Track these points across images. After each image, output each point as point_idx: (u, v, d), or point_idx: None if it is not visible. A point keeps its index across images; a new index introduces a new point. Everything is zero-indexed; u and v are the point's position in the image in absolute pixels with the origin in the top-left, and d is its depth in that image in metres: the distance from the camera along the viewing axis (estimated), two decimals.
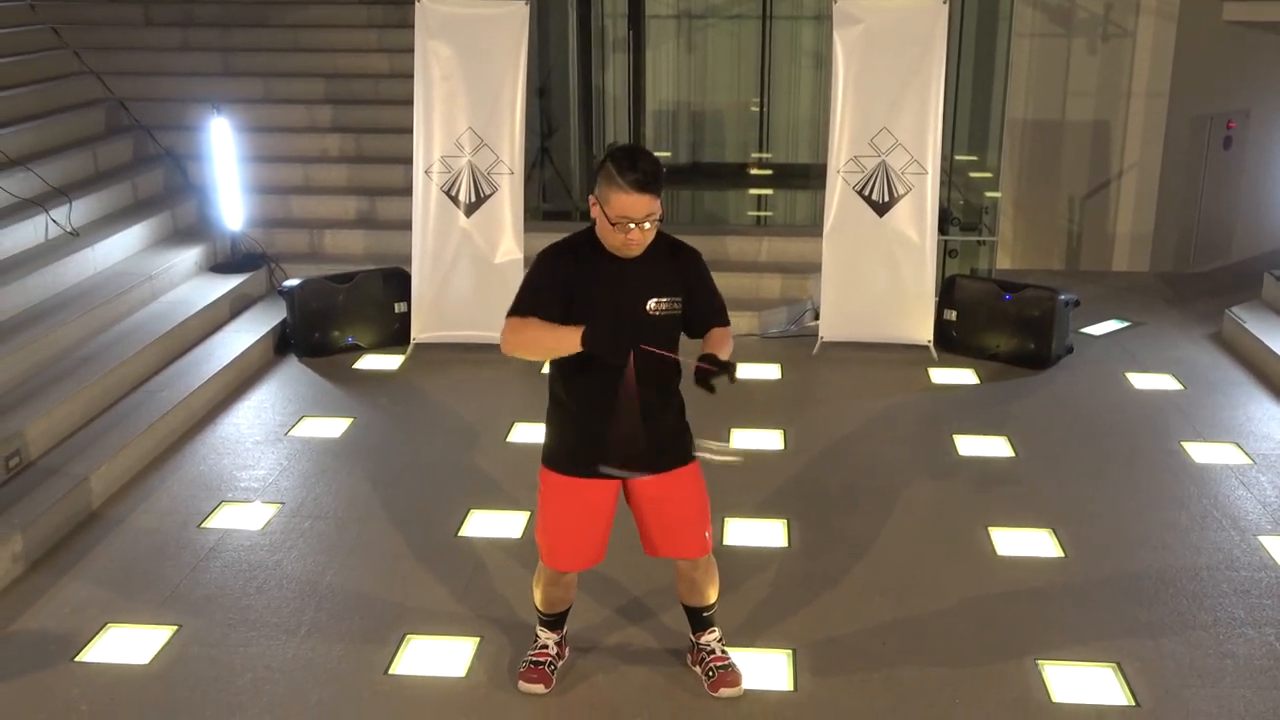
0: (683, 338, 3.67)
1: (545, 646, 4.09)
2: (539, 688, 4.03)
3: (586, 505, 3.76)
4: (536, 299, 3.54)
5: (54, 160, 7.87)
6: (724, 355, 3.53)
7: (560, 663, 4.12)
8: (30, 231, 7.12)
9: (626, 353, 3.43)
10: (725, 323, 3.72)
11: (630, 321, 3.50)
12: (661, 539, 3.83)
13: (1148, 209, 9.61)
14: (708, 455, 3.70)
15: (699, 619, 4.06)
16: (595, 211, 3.49)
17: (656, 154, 3.61)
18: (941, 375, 7.10)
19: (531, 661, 4.07)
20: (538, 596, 4.03)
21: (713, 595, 4.01)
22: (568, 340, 3.42)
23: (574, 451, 3.72)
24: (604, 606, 4.53)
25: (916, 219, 7.26)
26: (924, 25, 7.09)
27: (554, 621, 4.09)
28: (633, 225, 3.41)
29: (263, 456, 5.94)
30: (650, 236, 3.50)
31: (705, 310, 3.69)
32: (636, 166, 3.39)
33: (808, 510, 5.37)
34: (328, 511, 5.35)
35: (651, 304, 3.56)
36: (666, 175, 3.58)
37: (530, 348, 3.57)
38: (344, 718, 3.92)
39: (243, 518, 5.29)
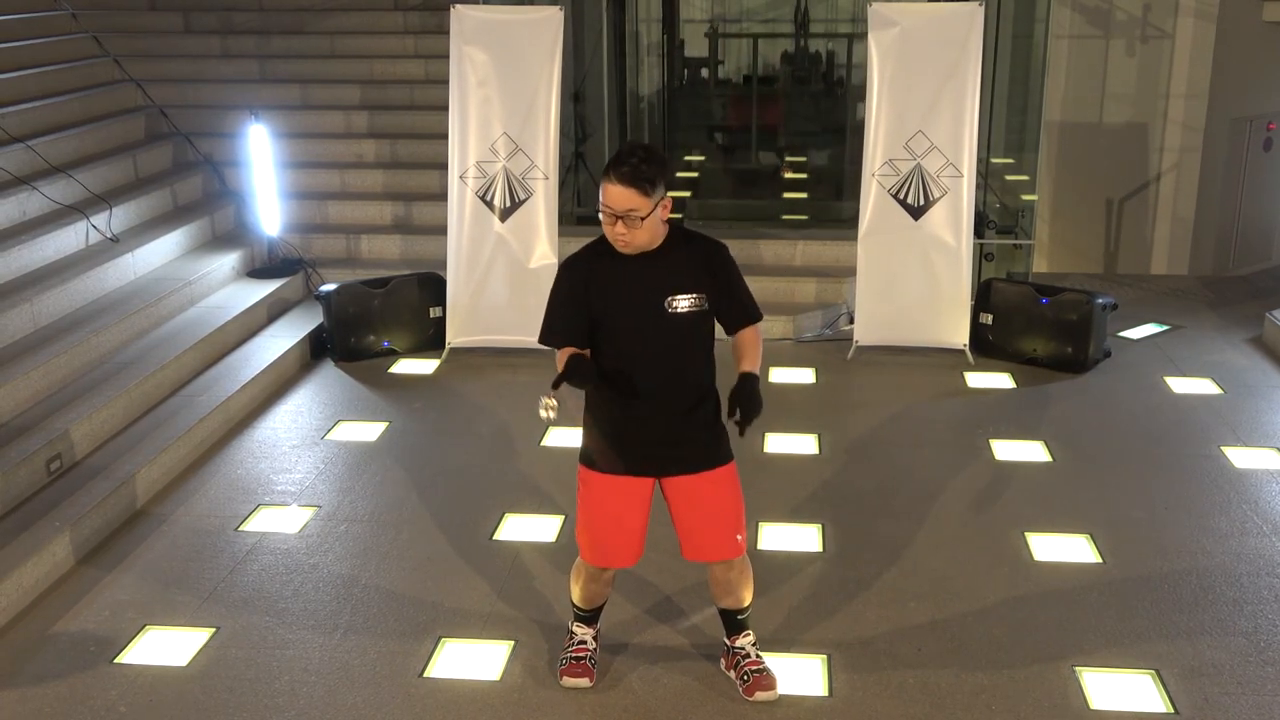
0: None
1: (584, 642, 4.11)
2: (584, 681, 4.05)
3: (622, 502, 3.78)
4: (553, 322, 3.69)
5: (95, 167, 7.97)
6: (753, 365, 3.63)
7: (597, 655, 4.14)
8: (72, 238, 7.21)
9: (584, 377, 3.53)
10: (756, 318, 3.76)
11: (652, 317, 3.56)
12: (695, 539, 3.84)
13: (1187, 211, 9.51)
14: (544, 412, 3.48)
15: (734, 621, 4.05)
16: None
17: (689, 158, 3.65)
18: (977, 379, 7.06)
19: (572, 658, 4.09)
20: (576, 593, 4.05)
21: (747, 598, 4.01)
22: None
23: (608, 450, 3.75)
24: (636, 606, 4.54)
25: (952, 222, 7.22)
26: (960, 28, 7.06)
27: (590, 617, 4.12)
28: (615, 218, 3.47)
29: (299, 460, 5.98)
30: (638, 237, 3.52)
31: (735, 307, 3.73)
32: (626, 160, 3.47)
33: (842, 515, 5.35)
34: (364, 515, 5.39)
35: (669, 300, 3.59)
36: (700, 178, 3.62)
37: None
38: None
39: (280, 521, 5.33)
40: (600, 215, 3.54)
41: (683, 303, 3.60)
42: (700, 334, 3.67)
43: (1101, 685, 4.08)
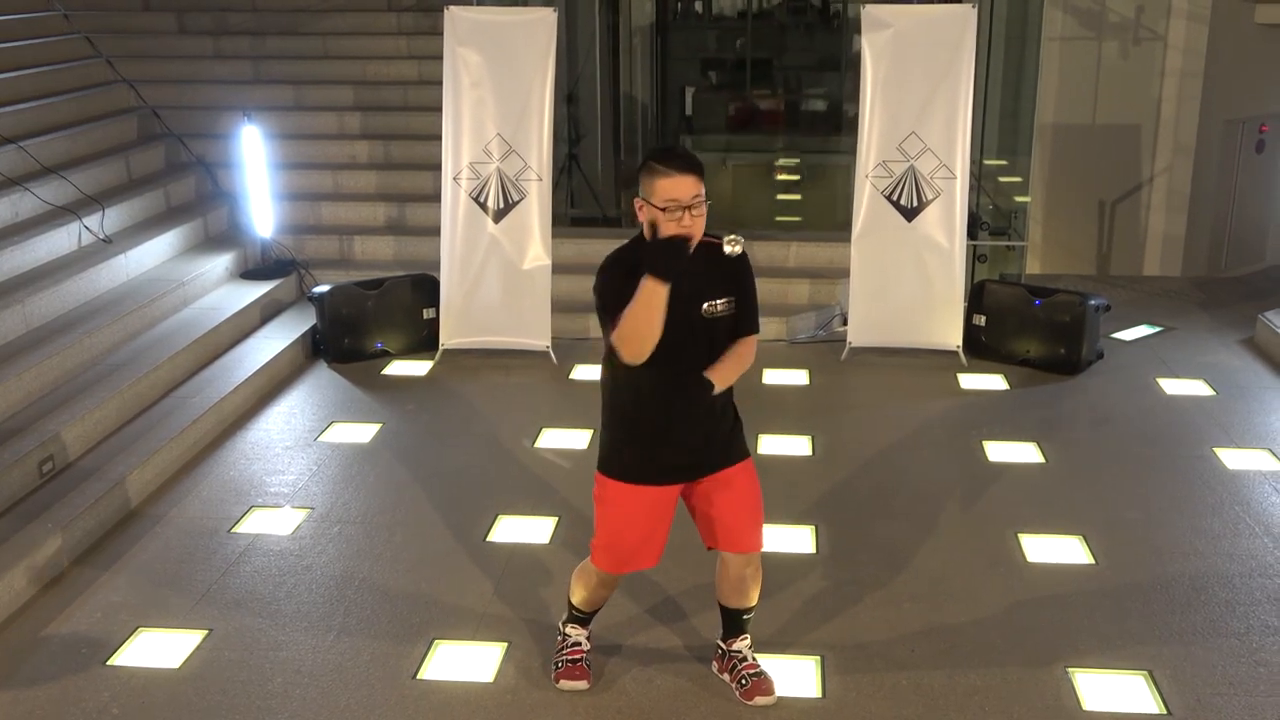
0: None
1: (579, 644, 4.11)
2: (582, 684, 4.05)
3: (647, 510, 3.76)
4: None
5: (88, 168, 7.95)
6: (724, 379, 3.63)
7: (592, 657, 4.14)
8: (64, 239, 7.20)
9: (680, 258, 3.37)
10: (756, 329, 3.76)
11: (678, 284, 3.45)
12: (722, 532, 3.82)
13: (1179, 213, 9.53)
14: (729, 248, 3.51)
15: (736, 622, 4.04)
16: (643, 214, 3.48)
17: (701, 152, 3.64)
18: (971, 381, 7.07)
19: (569, 660, 4.09)
20: (580, 596, 4.03)
21: (755, 598, 4.00)
22: (646, 292, 3.34)
23: (635, 458, 3.72)
24: (630, 608, 4.54)
25: (945, 224, 7.23)
26: (953, 29, 7.07)
27: (587, 619, 4.12)
28: (682, 210, 3.41)
29: (293, 462, 5.97)
30: (702, 224, 3.50)
31: (748, 314, 3.74)
32: (676, 153, 3.49)
33: (836, 516, 5.35)
34: (357, 516, 5.38)
35: (706, 306, 3.58)
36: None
37: (640, 330, 3.41)
38: None
39: (273, 522, 5.32)
40: (664, 215, 3.40)
41: (716, 306, 3.60)
42: (726, 337, 3.67)
43: (1095, 686, 4.08)
